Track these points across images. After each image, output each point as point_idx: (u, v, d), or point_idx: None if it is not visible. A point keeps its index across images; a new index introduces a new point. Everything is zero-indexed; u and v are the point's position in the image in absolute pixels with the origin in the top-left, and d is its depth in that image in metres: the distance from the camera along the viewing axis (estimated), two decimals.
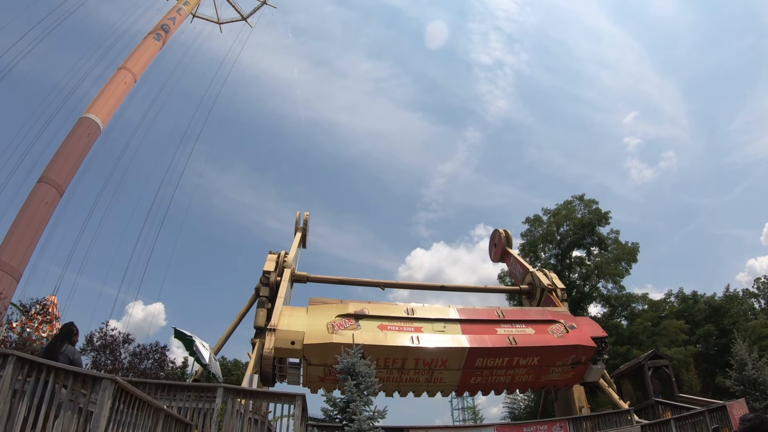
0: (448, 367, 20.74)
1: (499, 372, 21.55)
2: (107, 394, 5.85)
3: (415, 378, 20.97)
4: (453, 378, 21.31)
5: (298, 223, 30.07)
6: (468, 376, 21.28)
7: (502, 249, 33.96)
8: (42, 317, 21.12)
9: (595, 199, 47.37)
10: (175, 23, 32.02)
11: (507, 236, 34.36)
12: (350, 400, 13.01)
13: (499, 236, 34.73)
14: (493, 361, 20.96)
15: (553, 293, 27.22)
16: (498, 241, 34.71)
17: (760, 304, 49.64)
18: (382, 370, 19.70)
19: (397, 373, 20.48)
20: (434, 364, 20.46)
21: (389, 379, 20.51)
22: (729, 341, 28.50)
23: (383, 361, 19.70)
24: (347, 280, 28.78)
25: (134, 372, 27.04)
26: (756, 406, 19.42)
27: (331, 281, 28.29)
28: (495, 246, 35.34)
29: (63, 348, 7.54)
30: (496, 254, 35.14)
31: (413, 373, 20.67)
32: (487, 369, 21.22)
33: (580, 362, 22.09)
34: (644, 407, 24.68)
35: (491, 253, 36.13)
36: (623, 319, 45.61)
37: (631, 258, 44.49)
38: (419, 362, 20.28)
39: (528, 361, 21.31)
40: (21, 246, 19.17)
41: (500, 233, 34.58)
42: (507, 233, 34.50)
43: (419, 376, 20.89)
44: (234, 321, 24.31)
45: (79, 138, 22.77)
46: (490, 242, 36.53)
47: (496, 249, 35.19)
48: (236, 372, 46.76)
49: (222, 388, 10.24)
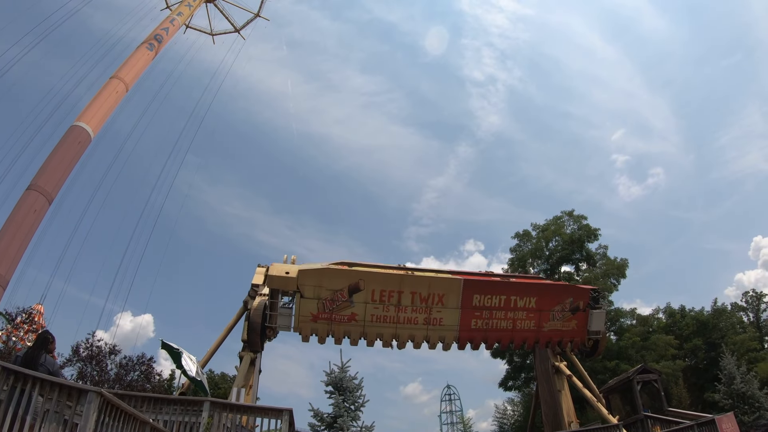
0: (445, 305, 20.42)
1: (499, 315, 21.24)
2: (93, 406, 5.79)
3: (413, 318, 20.43)
4: (452, 319, 20.79)
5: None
6: (467, 317, 20.85)
7: None
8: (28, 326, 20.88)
9: (585, 215, 47.65)
10: (169, 33, 32.01)
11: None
12: (338, 415, 12.92)
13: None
14: (490, 300, 20.78)
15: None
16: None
17: (749, 318, 50.00)
18: (378, 305, 19.57)
19: (394, 310, 20.04)
20: (431, 300, 20.16)
21: (386, 318, 20.08)
22: (717, 355, 28.68)
23: (378, 294, 19.45)
24: None
25: (120, 384, 26.81)
26: (745, 419, 19.52)
27: None
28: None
29: (42, 359, 7.35)
30: None
31: (410, 310, 20.23)
32: (486, 309, 20.94)
33: (579, 308, 21.97)
34: (633, 421, 24.65)
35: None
36: (612, 334, 45.76)
37: (620, 273, 44.70)
38: (415, 296, 19.96)
39: (526, 303, 21.23)
40: (8, 253, 18.94)
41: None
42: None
43: (417, 315, 20.41)
44: (222, 334, 24.08)
45: (69, 146, 22.63)
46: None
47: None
48: (223, 385, 46.24)
49: (209, 402, 10.16)
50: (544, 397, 26.59)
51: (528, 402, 41.34)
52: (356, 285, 18.79)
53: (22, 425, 5.53)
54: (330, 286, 18.30)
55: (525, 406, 44.96)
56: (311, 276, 18.60)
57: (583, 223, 47.03)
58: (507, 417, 50.02)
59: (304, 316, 19.29)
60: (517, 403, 49.24)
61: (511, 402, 50.20)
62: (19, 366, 6.43)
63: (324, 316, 18.68)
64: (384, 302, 19.67)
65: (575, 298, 21.69)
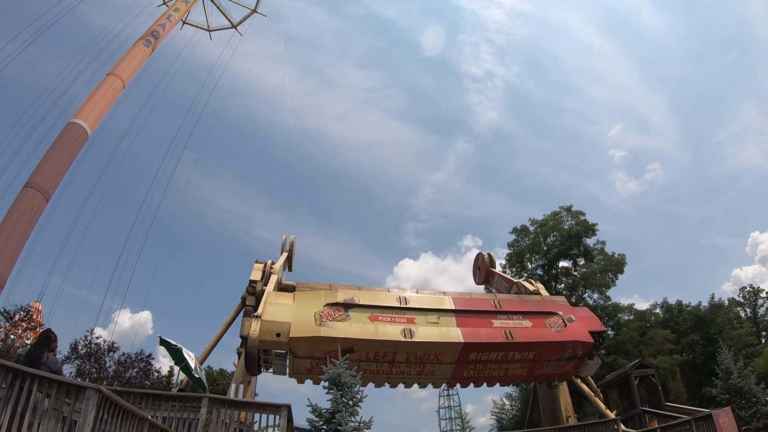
0: (440, 361, 20.20)
1: (493, 366, 21.11)
2: (91, 403, 5.80)
3: (406, 371, 20.40)
4: (445, 371, 20.82)
5: (284, 246, 29.95)
6: (461, 369, 20.79)
7: (486, 271, 33.90)
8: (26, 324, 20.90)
9: (582, 211, 47.86)
10: (165, 30, 31.93)
11: (490, 259, 34.30)
12: (336, 411, 12.94)
13: (482, 259, 34.58)
14: (487, 355, 20.44)
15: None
16: (482, 264, 34.58)
17: (746, 313, 50.23)
18: (372, 363, 19.31)
19: (388, 366, 19.84)
20: (426, 358, 19.89)
21: (379, 371, 19.99)
22: (715, 350, 28.79)
23: (373, 354, 19.11)
24: None
25: (119, 381, 26.83)
26: (742, 414, 19.56)
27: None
28: (479, 269, 35.20)
29: (44, 357, 7.42)
30: (480, 277, 34.99)
31: (404, 366, 20.07)
32: (480, 363, 20.76)
33: (576, 357, 21.82)
34: (631, 416, 24.79)
35: (475, 276, 35.99)
36: (609, 330, 45.93)
37: (618, 269, 44.89)
38: (411, 356, 19.68)
39: (523, 356, 20.93)
40: (6, 252, 18.92)
41: (483, 256, 34.47)
42: (490, 256, 34.42)
43: (410, 369, 20.31)
44: (220, 330, 24.13)
45: (66, 143, 22.58)
46: (474, 266, 36.37)
47: (480, 272, 35.03)
48: (222, 381, 46.41)
49: (207, 399, 10.17)
50: (542, 392, 26.67)
51: (526, 397, 41.48)
52: (350, 348, 18.37)
53: (21, 423, 5.54)
54: (323, 349, 17.96)
55: (523, 401, 45.10)
56: (302, 342, 18.23)
57: (580, 219, 47.17)
58: (505, 412, 50.09)
59: (298, 369, 19.32)
60: (515, 398, 49.38)
61: (509, 397, 50.32)
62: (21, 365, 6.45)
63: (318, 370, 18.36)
64: (378, 360, 19.55)
65: (576, 348, 21.49)
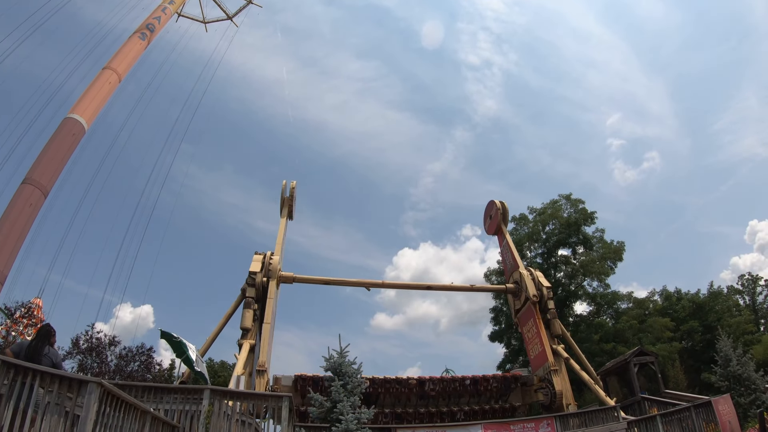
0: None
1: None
2: (93, 397, 5.84)
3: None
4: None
5: (284, 192, 29.56)
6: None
7: (497, 224, 33.01)
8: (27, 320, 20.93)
9: (582, 199, 47.86)
10: (161, 22, 31.70)
11: (504, 210, 33.15)
12: (337, 401, 13.02)
13: (495, 209, 33.47)
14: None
15: (536, 306, 27.70)
16: (494, 213, 33.56)
17: (745, 301, 50.42)
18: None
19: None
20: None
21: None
22: (714, 337, 28.91)
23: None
24: (333, 280, 28.78)
25: (121, 374, 26.94)
26: (741, 401, 19.69)
27: (317, 281, 28.32)
28: (490, 218, 34.26)
29: (45, 350, 7.50)
30: (490, 227, 34.14)
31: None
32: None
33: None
34: (630, 403, 24.96)
35: (485, 224, 35.11)
36: (609, 317, 46.08)
37: (617, 257, 44.95)
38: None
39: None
40: (5, 249, 18.89)
41: (496, 205, 33.37)
42: (504, 206, 33.29)
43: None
44: (221, 322, 24.25)
45: (63, 138, 22.48)
46: (485, 213, 35.28)
47: (491, 221, 34.12)
48: (223, 373, 46.58)
49: (209, 390, 10.21)
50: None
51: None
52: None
53: (24, 418, 5.57)
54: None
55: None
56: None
57: (579, 207, 47.15)
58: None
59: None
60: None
61: None
62: (23, 359, 6.49)
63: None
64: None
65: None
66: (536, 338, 27.75)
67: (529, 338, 28.57)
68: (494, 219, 33.53)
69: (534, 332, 27.86)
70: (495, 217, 33.36)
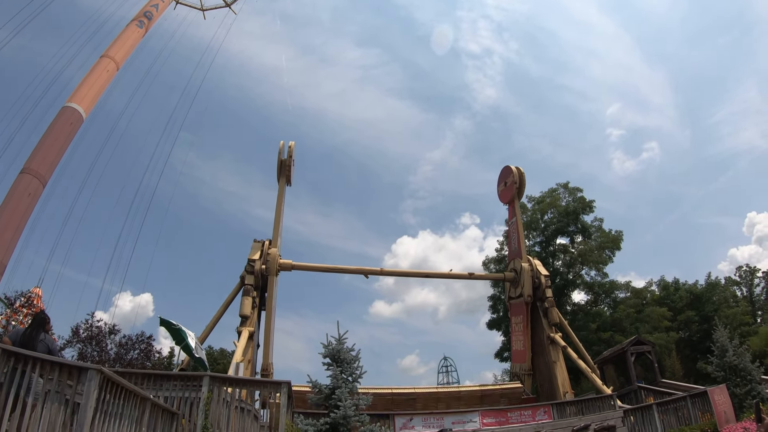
0: None
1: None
2: (93, 384, 5.88)
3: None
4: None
5: (282, 154, 28.19)
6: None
7: (512, 195, 31.69)
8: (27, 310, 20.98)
9: (580, 187, 47.89)
10: (159, 10, 31.49)
11: (521, 178, 31.37)
12: (335, 387, 13.13)
13: (511, 176, 31.66)
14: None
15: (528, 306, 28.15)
16: (510, 182, 31.81)
17: (742, 292, 50.64)
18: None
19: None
20: None
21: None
22: (710, 328, 29.09)
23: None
24: (331, 267, 28.87)
25: (121, 363, 27.07)
26: (737, 391, 19.80)
27: (316, 269, 28.40)
28: (505, 185, 32.69)
29: (41, 337, 7.58)
30: (504, 194, 32.79)
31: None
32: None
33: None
34: (627, 392, 25.20)
35: (499, 190, 33.65)
36: (606, 307, 46.26)
37: (615, 246, 45.04)
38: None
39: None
40: (4, 238, 18.93)
41: (513, 171, 31.57)
42: (521, 175, 31.48)
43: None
44: (220, 309, 24.37)
45: (61, 127, 22.43)
46: (500, 179, 33.61)
47: (505, 189, 32.68)
48: (222, 361, 46.81)
49: (208, 377, 10.28)
50: (539, 368, 27.05)
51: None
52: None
53: (24, 407, 5.62)
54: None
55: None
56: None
57: (578, 196, 47.19)
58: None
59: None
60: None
61: (507, 373, 50.94)
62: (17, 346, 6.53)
63: None
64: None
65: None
66: (521, 336, 28.24)
67: (515, 330, 29.00)
68: (509, 188, 32.12)
69: (521, 329, 28.25)
70: (510, 187, 32.00)
